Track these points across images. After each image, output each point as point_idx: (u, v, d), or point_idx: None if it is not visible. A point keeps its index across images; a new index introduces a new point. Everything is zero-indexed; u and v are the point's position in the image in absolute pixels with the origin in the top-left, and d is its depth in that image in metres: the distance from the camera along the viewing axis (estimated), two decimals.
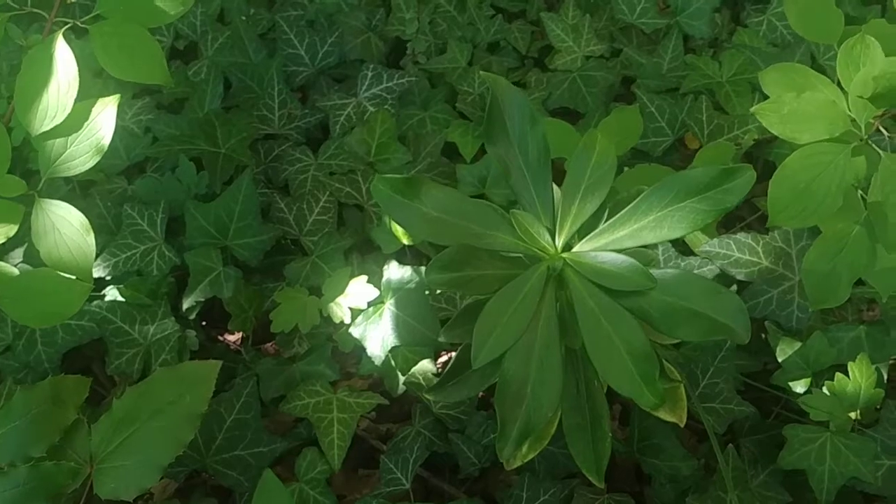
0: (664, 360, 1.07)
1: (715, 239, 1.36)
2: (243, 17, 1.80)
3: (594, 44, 1.74)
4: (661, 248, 1.37)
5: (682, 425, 1.07)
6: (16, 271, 1.12)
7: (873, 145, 0.95)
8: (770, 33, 1.76)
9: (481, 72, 1.01)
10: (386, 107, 1.63)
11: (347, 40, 1.77)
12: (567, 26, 1.75)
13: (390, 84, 1.66)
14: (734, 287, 1.36)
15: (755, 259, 1.34)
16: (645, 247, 0.97)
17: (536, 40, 1.83)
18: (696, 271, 1.36)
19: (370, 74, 1.67)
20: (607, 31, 1.80)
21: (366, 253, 1.49)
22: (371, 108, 1.63)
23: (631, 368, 0.87)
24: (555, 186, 0.99)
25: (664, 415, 1.06)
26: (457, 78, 1.72)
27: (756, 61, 1.62)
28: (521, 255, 0.95)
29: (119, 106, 1.54)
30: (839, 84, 1.02)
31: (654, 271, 0.90)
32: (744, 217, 1.54)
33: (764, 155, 1.57)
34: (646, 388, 0.86)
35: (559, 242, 0.93)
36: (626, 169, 1.48)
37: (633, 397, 0.87)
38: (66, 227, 1.07)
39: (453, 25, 1.80)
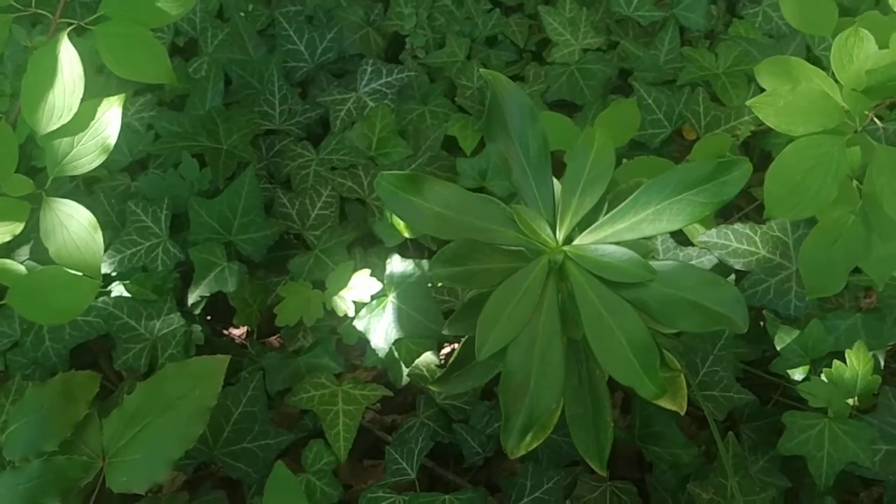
0: (664, 350, 1.08)
1: (713, 229, 1.37)
2: (242, 14, 1.81)
3: (591, 37, 1.76)
4: (660, 239, 1.39)
5: (682, 413, 1.09)
6: (24, 270, 1.14)
7: (867, 136, 0.96)
8: (766, 24, 1.77)
9: (481, 69, 1.02)
10: (386, 101, 1.65)
11: (346, 35, 1.78)
12: (564, 19, 1.76)
13: (390, 79, 1.68)
14: (732, 276, 1.38)
15: (753, 249, 1.36)
16: (644, 238, 0.98)
17: (534, 34, 1.84)
18: (694, 261, 1.38)
19: (369, 69, 1.68)
20: (604, 23, 1.81)
21: (368, 246, 1.50)
22: (371, 103, 1.65)
23: (632, 359, 0.88)
24: (554, 179, 1.01)
25: (665, 403, 1.08)
26: (455, 72, 1.73)
27: (752, 52, 1.64)
28: (522, 248, 0.97)
29: None
30: (834, 75, 1.04)
31: (654, 263, 0.91)
32: (741, 207, 1.55)
33: (761, 145, 1.59)
34: (647, 378, 0.88)
35: (560, 236, 0.95)
36: (624, 160, 1.50)
37: (635, 387, 0.89)
38: (74, 224, 1.09)
39: (451, 20, 1.82)
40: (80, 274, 1.08)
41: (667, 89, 1.64)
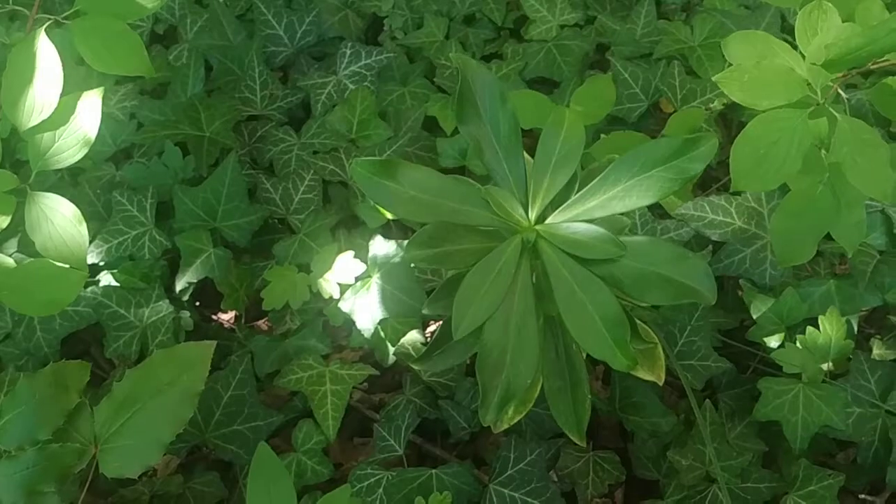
0: (642, 322, 1.11)
1: (689, 202, 1.40)
2: None
3: (568, 12, 1.77)
4: (638, 213, 1.41)
5: (660, 384, 1.12)
6: (12, 262, 1.16)
7: (830, 108, 0.98)
8: None
9: (451, 54, 1.04)
10: (366, 84, 1.66)
11: (325, 18, 1.79)
12: None
13: (369, 61, 1.69)
14: (709, 247, 1.41)
15: (728, 220, 1.38)
16: (618, 214, 1.01)
17: (512, 11, 1.85)
18: (672, 234, 1.40)
19: (349, 52, 1.69)
20: None
21: (352, 228, 1.53)
22: (351, 86, 1.66)
23: (604, 333, 0.91)
24: (529, 158, 1.03)
25: (643, 374, 1.11)
26: (434, 52, 1.74)
27: (727, 24, 1.65)
28: (496, 228, 0.99)
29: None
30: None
31: (625, 238, 0.94)
32: (719, 178, 1.57)
33: (738, 116, 1.61)
34: (618, 352, 0.90)
35: (532, 215, 0.97)
36: (602, 136, 1.52)
37: (607, 360, 0.91)
38: (59, 217, 1.11)
39: None
40: (66, 266, 1.10)
41: (643, 63, 1.65)
